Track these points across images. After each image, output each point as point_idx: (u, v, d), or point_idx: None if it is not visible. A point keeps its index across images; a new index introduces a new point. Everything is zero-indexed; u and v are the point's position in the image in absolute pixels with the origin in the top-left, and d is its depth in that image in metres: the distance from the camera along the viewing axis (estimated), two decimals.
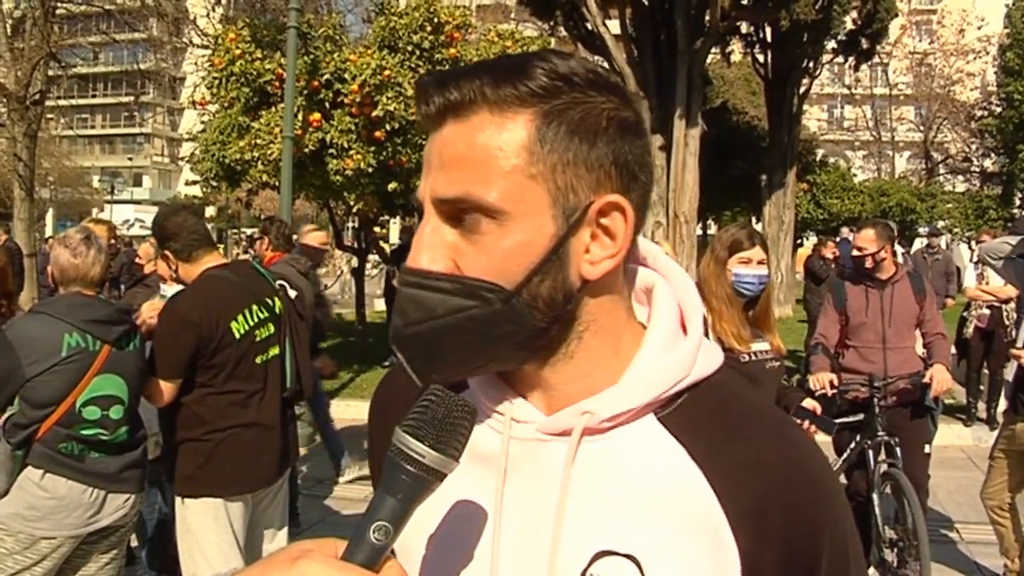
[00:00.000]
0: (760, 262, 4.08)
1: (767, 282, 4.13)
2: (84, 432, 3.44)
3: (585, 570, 0.91)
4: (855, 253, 5.47)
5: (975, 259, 9.93)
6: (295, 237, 7.22)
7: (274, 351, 4.00)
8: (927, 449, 5.48)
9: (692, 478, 0.92)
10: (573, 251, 0.92)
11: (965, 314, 9.97)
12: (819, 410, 4.59)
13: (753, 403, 1.01)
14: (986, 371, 9.91)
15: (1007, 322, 9.38)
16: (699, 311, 1.04)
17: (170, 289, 4.35)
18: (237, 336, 3.78)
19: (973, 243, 9.93)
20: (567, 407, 0.96)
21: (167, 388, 3.68)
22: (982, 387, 9.97)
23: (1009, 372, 5.51)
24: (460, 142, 0.90)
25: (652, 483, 0.93)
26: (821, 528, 0.94)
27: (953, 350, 8.16)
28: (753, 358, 4.04)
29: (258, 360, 3.89)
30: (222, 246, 38.55)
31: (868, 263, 5.36)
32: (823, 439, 5.03)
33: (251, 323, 3.87)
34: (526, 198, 0.89)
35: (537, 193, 0.89)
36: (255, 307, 3.92)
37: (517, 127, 0.89)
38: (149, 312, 3.92)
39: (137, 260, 6.31)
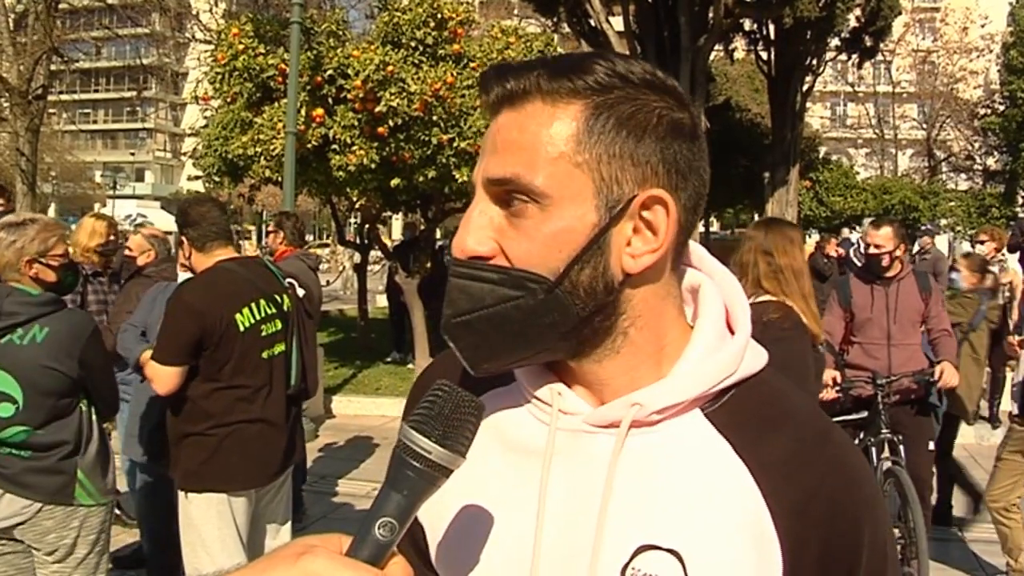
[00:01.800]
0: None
1: None
2: None
3: (627, 564, 0.92)
4: (873, 251, 5.44)
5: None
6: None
7: (280, 348, 4.00)
8: (930, 446, 5.48)
9: (737, 473, 0.94)
10: (614, 243, 0.93)
11: None
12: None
13: (796, 401, 1.02)
14: (988, 369, 9.87)
15: (1009, 321, 9.35)
16: (747, 311, 1.05)
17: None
18: (241, 328, 3.78)
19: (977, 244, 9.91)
20: (614, 400, 0.97)
21: (168, 373, 3.65)
22: (985, 385, 9.94)
23: (1018, 374, 5.50)
24: (513, 128, 0.93)
25: (697, 477, 0.94)
26: (862, 526, 0.94)
27: None
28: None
29: (264, 355, 3.88)
30: None
31: (885, 261, 5.38)
32: None
33: (257, 317, 3.86)
34: (570, 185, 0.91)
35: (582, 181, 0.92)
36: (263, 302, 3.91)
37: (567, 117, 0.92)
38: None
39: (128, 253, 6.17)
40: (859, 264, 6.70)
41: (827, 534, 0.92)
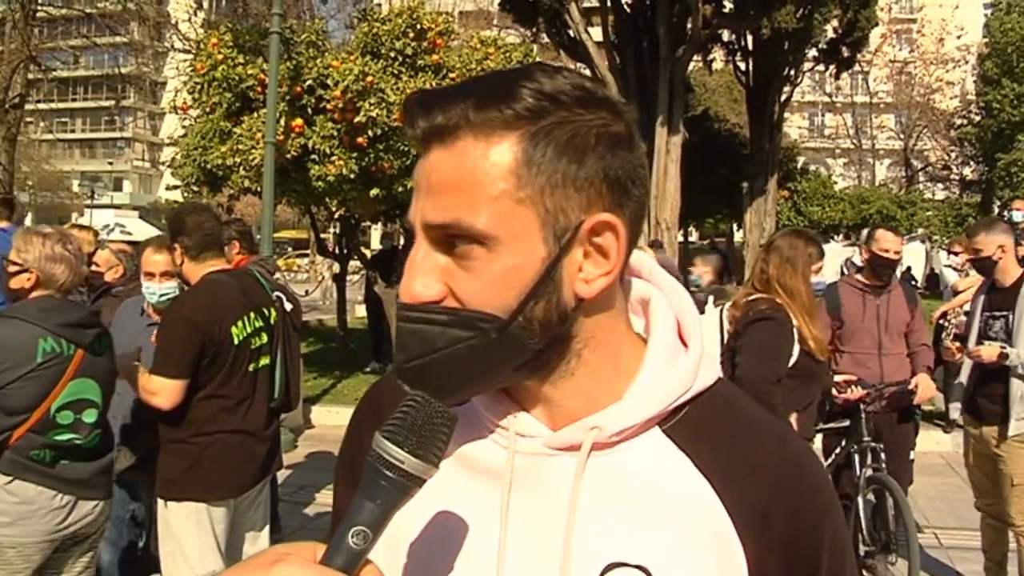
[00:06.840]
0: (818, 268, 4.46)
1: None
2: (58, 438, 3.41)
3: None
4: (888, 256, 5.36)
5: (948, 263, 9.94)
6: None
7: (265, 360, 4.04)
8: (911, 455, 5.53)
9: (699, 488, 0.94)
10: (567, 272, 0.91)
11: (943, 322, 9.95)
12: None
13: (752, 412, 1.02)
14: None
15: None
16: (698, 324, 1.05)
17: (157, 286, 4.32)
18: (236, 341, 3.82)
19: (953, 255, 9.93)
20: (573, 422, 0.96)
21: (174, 387, 3.67)
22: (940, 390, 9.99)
23: (963, 374, 5.45)
24: (447, 168, 0.88)
25: (660, 494, 0.94)
26: (822, 533, 0.96)
27: None
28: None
29: (250, 368, 3.93)
30: None
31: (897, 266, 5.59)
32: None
33: (248, 330, 3.91)
34: (515, 223, 0.88)
35: (526, 217, 0.88)
36: (252, 315, 3.96)
37: (503, 151, 0.87)
38: None
39: (95, 268, 5.96)
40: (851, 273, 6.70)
41: (789, 540, 0.93)
